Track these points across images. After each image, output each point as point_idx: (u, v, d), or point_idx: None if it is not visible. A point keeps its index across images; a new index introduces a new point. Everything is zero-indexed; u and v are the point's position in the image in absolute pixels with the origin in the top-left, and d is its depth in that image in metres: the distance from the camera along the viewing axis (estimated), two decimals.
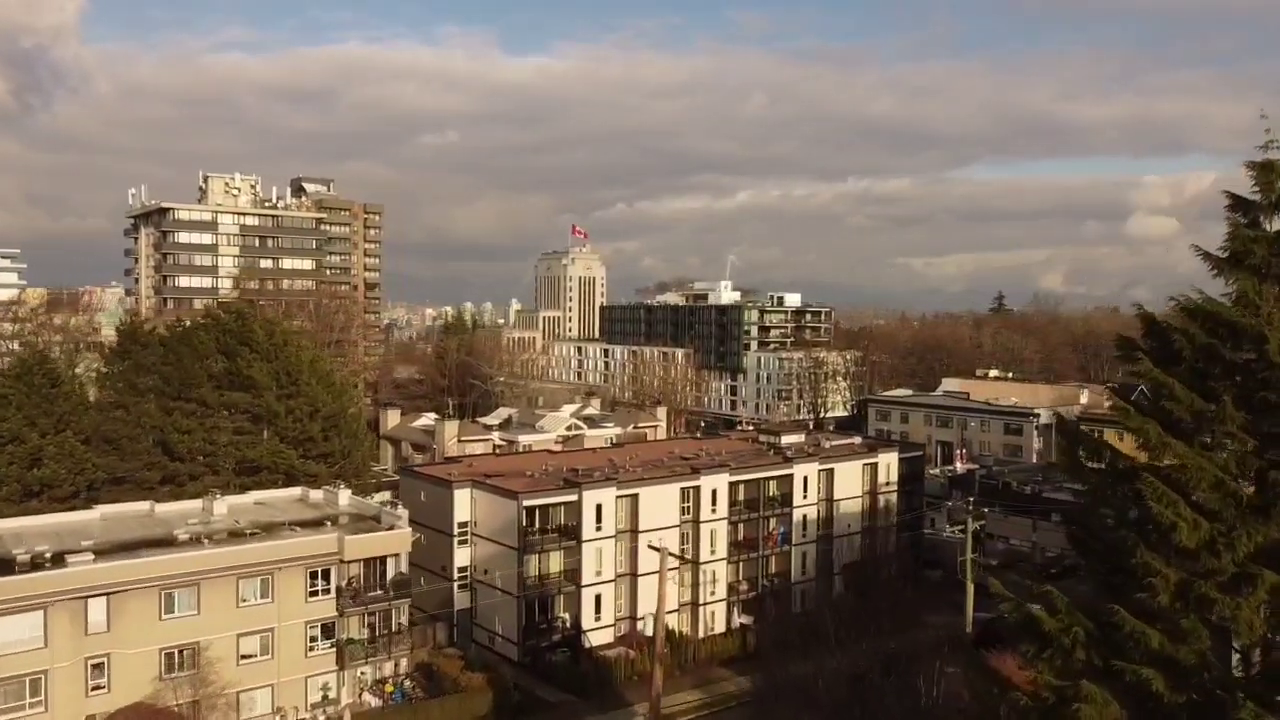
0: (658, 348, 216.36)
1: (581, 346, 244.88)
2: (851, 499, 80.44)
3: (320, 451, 71.16)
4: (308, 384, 70.30)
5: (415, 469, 69.59)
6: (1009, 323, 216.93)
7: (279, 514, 60.95)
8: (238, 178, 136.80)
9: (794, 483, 75.92)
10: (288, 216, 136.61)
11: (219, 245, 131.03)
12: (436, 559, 66.66)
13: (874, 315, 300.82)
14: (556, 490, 64.22)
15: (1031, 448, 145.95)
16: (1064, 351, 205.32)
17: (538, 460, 76.59)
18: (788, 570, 76.07)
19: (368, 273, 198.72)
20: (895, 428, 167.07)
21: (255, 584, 51.24)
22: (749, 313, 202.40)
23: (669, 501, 68.53)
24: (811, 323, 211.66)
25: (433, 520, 67.02)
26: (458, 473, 69.11)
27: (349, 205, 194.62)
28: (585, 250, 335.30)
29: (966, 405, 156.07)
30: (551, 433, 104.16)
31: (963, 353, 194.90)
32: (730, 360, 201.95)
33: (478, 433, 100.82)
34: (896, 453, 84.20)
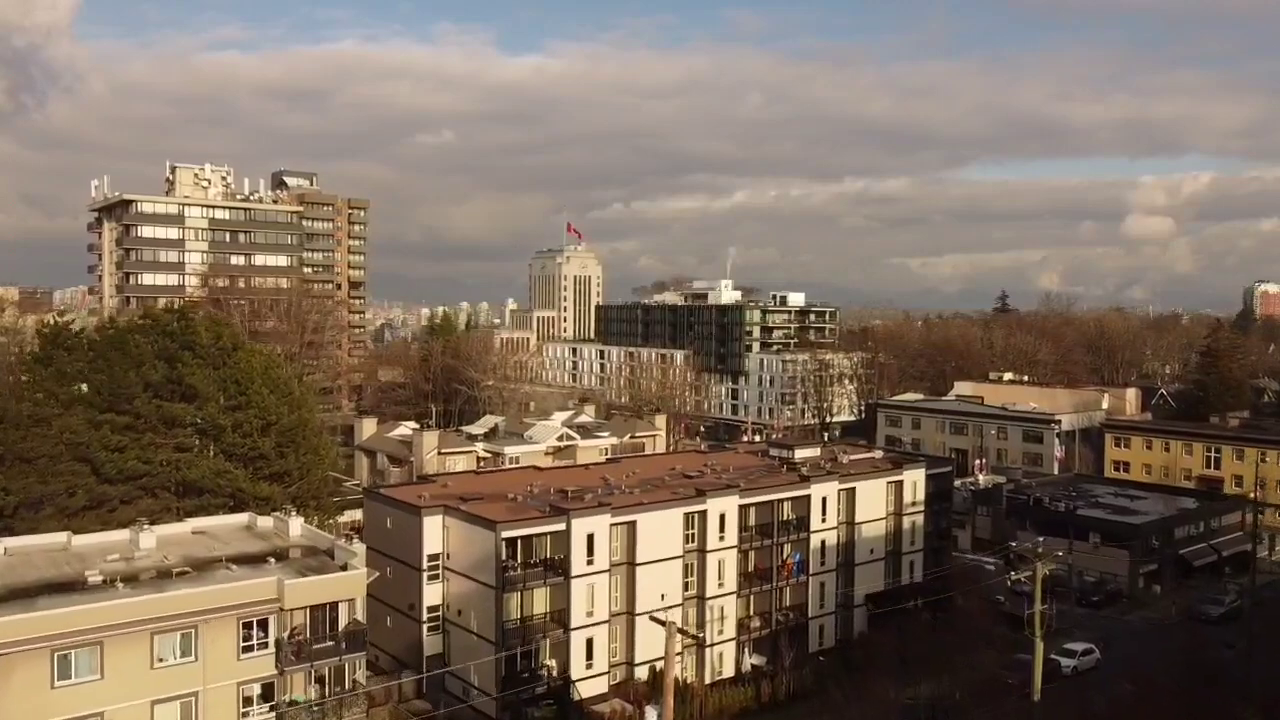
0: (655, 349, 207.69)
1: (576, 348, 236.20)
2: (874, 521, 71.86)
3: (274, 470, 62.47)
4: (258, 393, 61.57)
5: (380, 491, 61.01)
6: (1021, 323, 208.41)
7: (219, 547, 52.27)
8: (208, 168, 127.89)
9: (811, 504, 67.35)
10: (261, 209, 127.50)
11: (186, 240, 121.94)
12: (404, 596, 57.98)
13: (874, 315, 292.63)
14: (542, 518, 55.54)
15: (1053, 456, 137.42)
16: (1077, 353, 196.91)
17: (523, 479, 67.91)
18: (804, 603, 67.50)
19: (352, 270, 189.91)
20: (906, 434, 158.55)
21: (175, 640, 42.47)
22: (751, 313, 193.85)
23: (671, 529, 59.89)
24: (816, 323, 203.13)
25: (399, 551, 58.35)
26: (429, 495, 60.43)
27: (332, 200, 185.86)
28: (580, 249, 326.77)
29: (982, 411, 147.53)
30: (541, 443, 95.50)
31: (973, 355, 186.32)
32: (731, 362, 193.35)
33: (460, 444, 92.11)
34: (924, 469, 75.57)
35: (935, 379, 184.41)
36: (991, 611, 76.95)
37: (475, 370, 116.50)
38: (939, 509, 77.59)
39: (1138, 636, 72.53)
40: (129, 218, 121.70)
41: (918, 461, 76.76)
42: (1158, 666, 66.87)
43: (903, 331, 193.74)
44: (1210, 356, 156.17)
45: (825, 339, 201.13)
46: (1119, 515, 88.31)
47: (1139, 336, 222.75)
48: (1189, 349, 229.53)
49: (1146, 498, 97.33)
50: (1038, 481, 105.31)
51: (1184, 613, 78.39)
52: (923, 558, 75.37)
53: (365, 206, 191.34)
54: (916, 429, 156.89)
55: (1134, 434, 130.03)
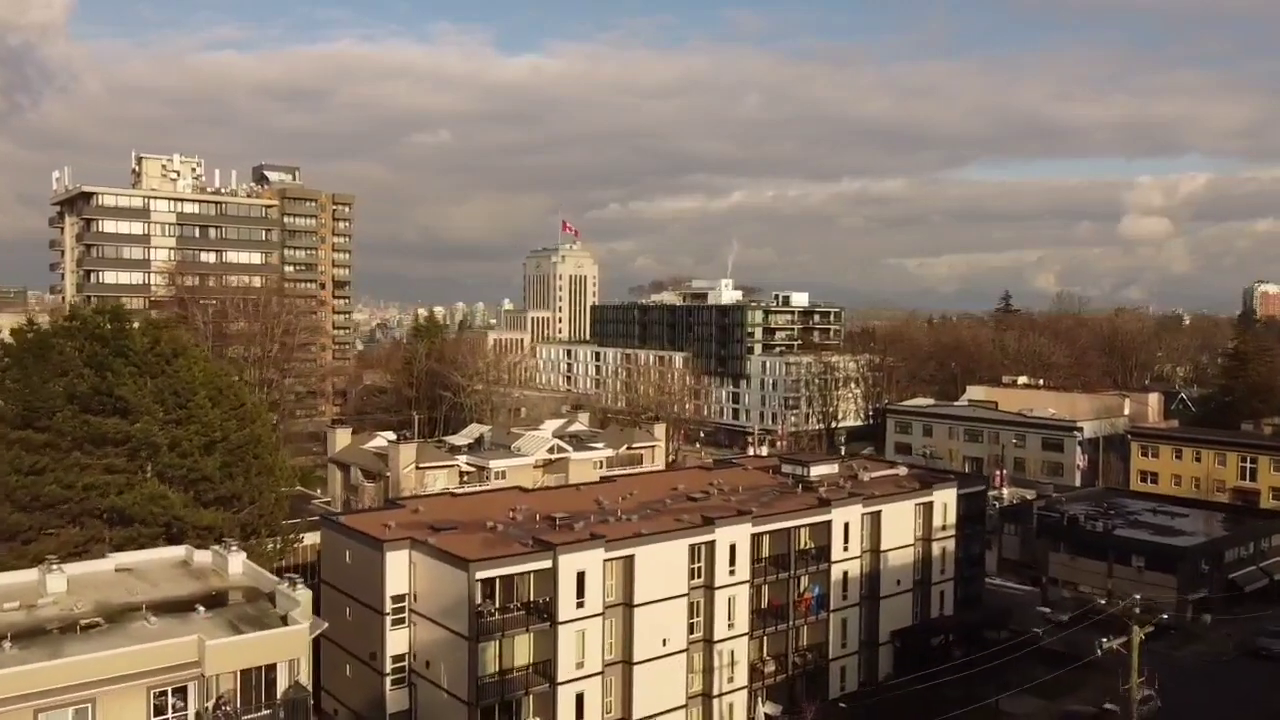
0: (653, 351, 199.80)
1: (571, 349, 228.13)
2: (902, 548, 64.08)
3: (219, 494, 54.49)
4: (201, 406, 53.61)
5: (338, 520, 53.13)
6: (1033, 324, 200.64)
7: (142, 589, 44.36)
8: (177, 159, 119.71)
9: (832, 531, 59.54)
10: (234, 203, 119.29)
11: (151, 235, 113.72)
12: (365, 642, 50.05)
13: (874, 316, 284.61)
14: (524, 554, 47.60)
15: (1074, 466, 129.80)
16: (1090, 355, 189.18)
17: (506, 502, 60.03)
18: (824, 642, 59.71)
19: (336, 269, 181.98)
20: (917, 441, 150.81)
21: (65, 717, 34.55)
22: (752, 313, 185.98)
23: (674, 563, 52.03)
24: (820, 324, 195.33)
25: (360, 590, 50.44)
26: (396, 525, 52.49)
27: (315, 195, 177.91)
28: (576, 247, 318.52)
29: (999, 418, 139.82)
30: (530, 456, 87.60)
31: (985, 357, 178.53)
32: (732, 365, 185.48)
33: (440, 457, 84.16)
34: (954, 488, 67.71)
35: (945, 382, 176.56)
36: (1027, 647, 69.18)
37: (461, 375, 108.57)
38: (971, 533, 69.77)
39: (1195, 677, 64.76)
40: (89, 211, 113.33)
41: (948, 480, 68.90)
42: (1228, 717, 59.26)
43: (909, 332, 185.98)
44: (1237, 359, 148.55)
45: (830, 341, 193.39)
46: (1162, 536, 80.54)
47: (1152, 338, 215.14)
48: (1202, 350, 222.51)
49: (1187, 515, 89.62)
50: (1067, 496, 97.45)
51: (1241, 647, 70.66)
52: (953, 588, 67.59)
53: (350, 202, 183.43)
54: (928, 436, 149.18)
55: (1162, 443, 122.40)
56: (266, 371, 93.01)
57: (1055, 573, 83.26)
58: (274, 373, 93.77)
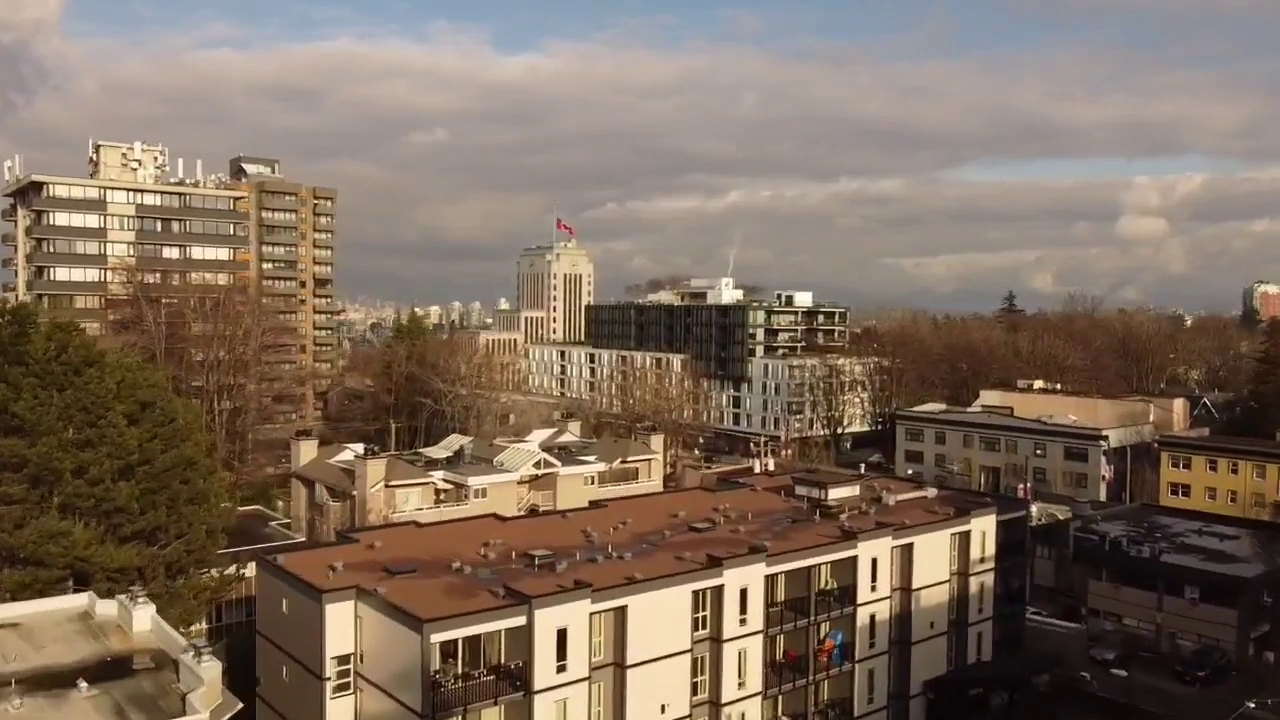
0: (650, 353, 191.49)
1: (565, 351, 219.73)
2: (936, 586, 55.77)
3: (138, 528, 46.11)
4: (114, 425, 45.24)
5: (275, 561, 44.79)
6: (1047, 324, 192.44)
7: (25, 653, 36.13)
8: (138, 148, 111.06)
9: (859, 568, 51.20)
10: (199, 195, 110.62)
11: (109, 229, 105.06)
12: (303, 712, 41.62)
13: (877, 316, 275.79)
14: (492, 609, 39.17)
15: (1100, 478, 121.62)
16: (1106, 358, 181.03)
17: (479, 533, 51.65)
18: (848, 697, 51.40)
19: (318, 266, 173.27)
20: (929, 449, 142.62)
21: None
22: (754, 314, 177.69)
23: (675, 613, 43.71)
24: (824, 325, 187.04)
25: (298, 648, 42.04)
26: (344, 566, 44.06)
27: (295, 189, 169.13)
28: (571, 245, 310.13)
29: (1017, 425, 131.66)
30: (514, 472, 79.24)
31: (998, 360, 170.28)
32: (733, 368, 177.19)
33: (413, 474, 75.68)
34: (994, 514, 59.41)
35: (956, 386, 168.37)
36: (1075, 695, 61.06)
37: (442, 380, 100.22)
38: (1010, 565, 61.50)
39: None
40: (39, 203, 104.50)
41: (985, 505, 60.50)
42: None
43: (917, 333, 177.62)
44: (1269, 364, 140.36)
45: (835, 342, 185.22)
46: (1217, 563, 72.23)
47: (1168, 340, 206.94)
48: (1218, 352, 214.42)
49: (1237, 536, 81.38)
50: (1103, 515, 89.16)
51: None
52: (991, 628, 59.33)
53: (332, 196, 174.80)
54: (940, 444, 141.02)
55: (1196, 453, 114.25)
56: (227, 377, 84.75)
57: (1096, 603, 75.00)
58: (237, 378, 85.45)
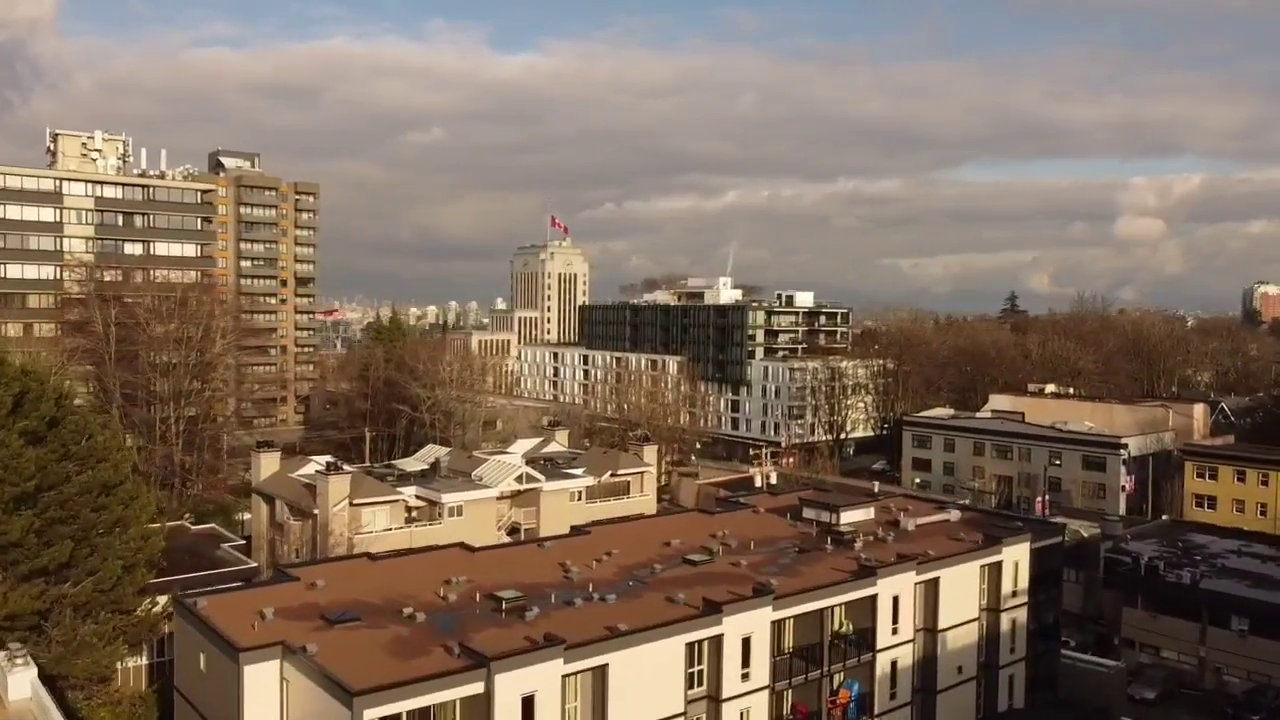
0: (645, 355, 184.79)
1: (558, 352, 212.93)
2: (964, 625, 49.09)
3: (37, 566, 39.42)
4: (6, 446, 38.53)
5: (195, 606, 38.07)
6: (1056, 326, 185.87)
7: None
8: (99, 137, 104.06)
9: (878, 609, 44.52)
10: (164, 187, 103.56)
11: (65, 223, 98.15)
12: None
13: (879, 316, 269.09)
14: (443, 674, 32.38)
15: (1119, 488, 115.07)
16: (1118, 360, 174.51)
17: (443, 567, 44.99)
18: None
19: (299, 264, 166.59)
20: (937, 457, 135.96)
21: None
22: (754, 314, 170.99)
23: (665, 669, 37.02)
24: (826, 326, 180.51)
25: (216, 713, 35.27)
26: (276, 612, 37.27)
27: (275, 183, 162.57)
28: (565, 244, 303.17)
29: (1031, 431, 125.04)
30: (493, 487, 72.56)
31: (1007, 363, 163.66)
32: (731, 370, 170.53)
33: (382, 491, 68.91)
34: (1028, 541, 52.75)
35: (964, 390, 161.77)
36: None
37: (421, 385, 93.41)
38: (1045, 598, 54.84)
39: None
40: None
41: (1018, 532, 53.78)
42: None
43: (922, 335, 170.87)
44: None
45: (837, 344, 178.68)
46: (1267, 590, 65.57)
47: (1181, 342, 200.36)
48: (1230, 355, 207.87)
49: None
50: (1131, 533, 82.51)
51: None
52: (1024, 669, 52.67)
53: (314, 192, 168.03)
54: (949, 451, 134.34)
55: (1223, 463, 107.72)
56: (186, 382, 78.11)
57: (1130, 633, 68.40)
58: (196, 382, 78.76)
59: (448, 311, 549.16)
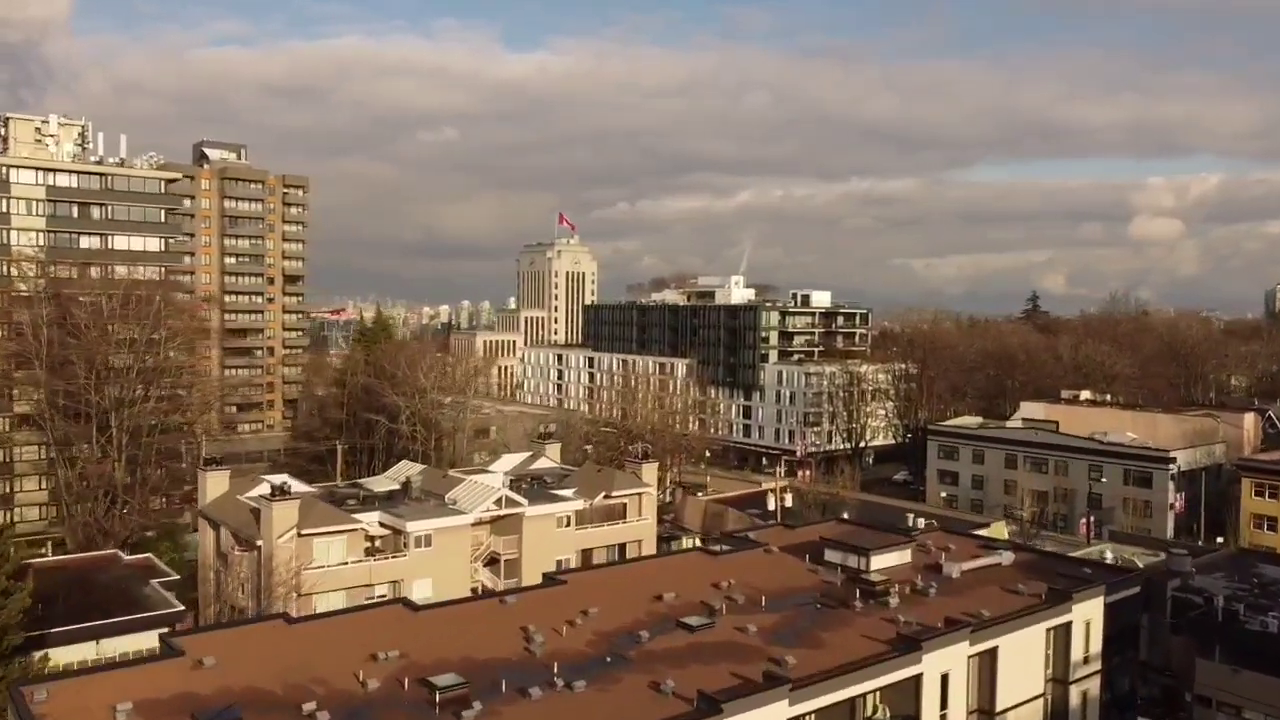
0: (653, 358, 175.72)
1: (562, 354, 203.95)
2: (1026, 704, 39.58)
3: None
4: None
5: (32, 700, 29.10)
6: (1088, 327, 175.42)
7: None
8: (55, 121, 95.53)
9: (922, 691, 35.11)
10: (123, 176, 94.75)
11: (11, 214, 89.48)
12: None
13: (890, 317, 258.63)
14: None
15: (1167, 507, 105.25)
16: (1155, 364, 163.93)
17: (374, 633, 35.88)
18: None
19: (288, 261, 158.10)
20: (964, 469, 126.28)
21: None
22: (767, 315, 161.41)
23: None
24: (845, 327, 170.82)
25: None
26: (134, 707, 28.17)
27: (261, 175, 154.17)
28: (573, 242, 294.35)
29: (1067, 443, 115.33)
30: (469, 513, 63.55)
31: (1038, 367, 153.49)
32: (743, 374, 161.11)
33: (337, 518, 59.84)
34: (1101, 596, 43.23)
35: (992, 397, 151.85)
36: None
37: (399, 393, 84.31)
38: (1121, 661, 45.30)
39: None
40: None
41: (1088, 584, 44.19)
42: None
43: (947, 337, 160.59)
44: None
45: (856, 346, 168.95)
46: None
47: (1220, 345, 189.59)
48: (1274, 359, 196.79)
49: None
50: (1197, 564, 72.57)
51: None
52: None
53: (304, 185, 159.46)
54: (978, 464, 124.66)
55: None
56: (128, 389, 69.45)
57: (1206, 689, 58.27)
58: (140, 389, 70.13)
59: (460, 311, 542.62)
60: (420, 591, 61.42)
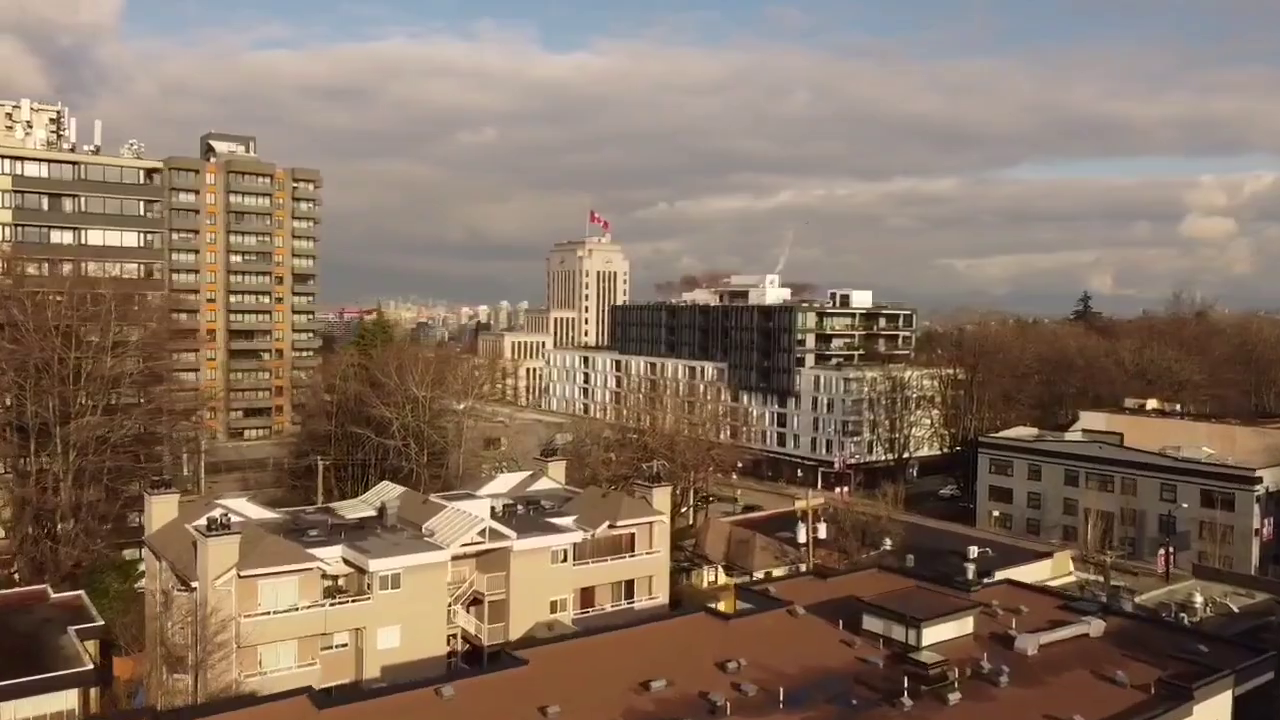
0: (682, 361, 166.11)
1: (588, 357, 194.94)
2: None
3: None
4: None
5: None
6: (1153, 329, 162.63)
7: None
8: (27, 106, 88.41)
9: None
10: (99, 165, 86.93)
11: None
12: None
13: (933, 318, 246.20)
14: None
15: (1252, 532, 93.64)
16: (1225, 370, 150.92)
17: None
18: None
19: (297, 259, 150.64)
20: (1019, 485, 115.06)
21: None
22: (804, 316, 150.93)
23: None
24: (887, 329, 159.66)
25: None
26: None
27: (269, 169, 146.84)
28: (605, 240, 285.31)
29: (1136, 459, 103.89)
30: (446, 547, 54.56)
31: (1098, 373, 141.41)
32: (778, 380, 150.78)
33: (289, 555, 50.94)
34: (1230, 688, 33.03)
35: (1047, 405, 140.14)
36: None
37: (390, 404, 75.36)
38: None
39: None
40: None
41: (1212, 672, 33.90)
42: None
43: (1002, 340, 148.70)
44: None
45: (900, 350, 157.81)
46: None
47: None
48: None
49: None
50: None
51: None
52: None
53: (314, 179, 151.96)
54: (1035, 479, 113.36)
55: None
56: (78, 400, 61.53)
57: None
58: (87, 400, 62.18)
59: (499, 311, 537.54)
60: (386, 641, 52.61)
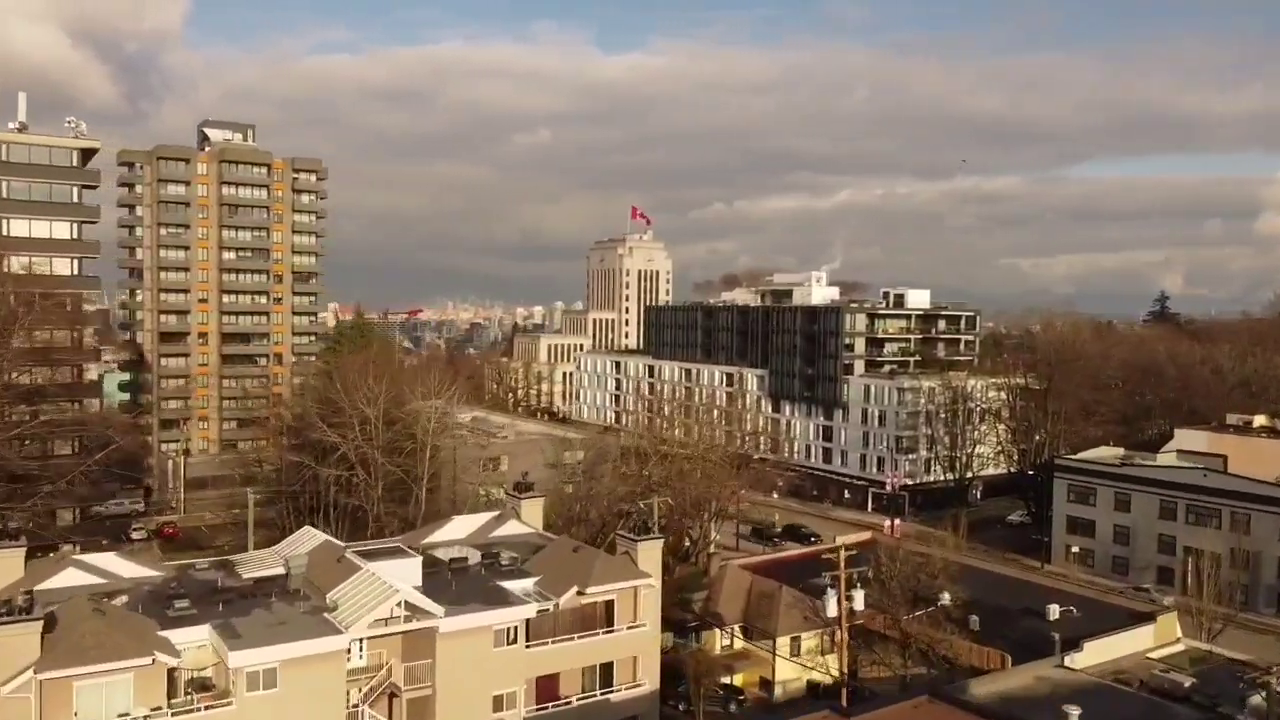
0: (719, 367, 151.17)
1: (620, 362, 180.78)
2: None
3: None
4: None
5: None
6: (1253, 332, 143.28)
7: None
8: None
9: None
10: (22, 145, 75.26)
11: None
12: None
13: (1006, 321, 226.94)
14: None
15: None
16: None
17: None
18: None
19: (298, 256, 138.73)
20: (1103, 518, 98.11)
21: None
22: (853, 318, 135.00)
23: None
24: (947, 332, 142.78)
25: None
26: None
27: (265, 159, 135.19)
28: (646, 238, 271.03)
29: (1251, 489, 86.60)
30: (346, 630, 40.69)
31: (1190, 384, 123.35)
32: (823, 389, 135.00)
33: (116, 650, 37.47)
34: None
35: (1132, 421, 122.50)
36: None
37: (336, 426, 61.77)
38: None
39: None
40: None
41: None
42: None
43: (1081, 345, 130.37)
44: None
45: (961, 355, 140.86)
46: None
47: None
48: None
49: None
50: None
51: None
52: None
53: (318, 170, 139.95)
54: (1123, 511, 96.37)
55: None
56: None
57: None
58: None
59: (553, 312, 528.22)
60: None
